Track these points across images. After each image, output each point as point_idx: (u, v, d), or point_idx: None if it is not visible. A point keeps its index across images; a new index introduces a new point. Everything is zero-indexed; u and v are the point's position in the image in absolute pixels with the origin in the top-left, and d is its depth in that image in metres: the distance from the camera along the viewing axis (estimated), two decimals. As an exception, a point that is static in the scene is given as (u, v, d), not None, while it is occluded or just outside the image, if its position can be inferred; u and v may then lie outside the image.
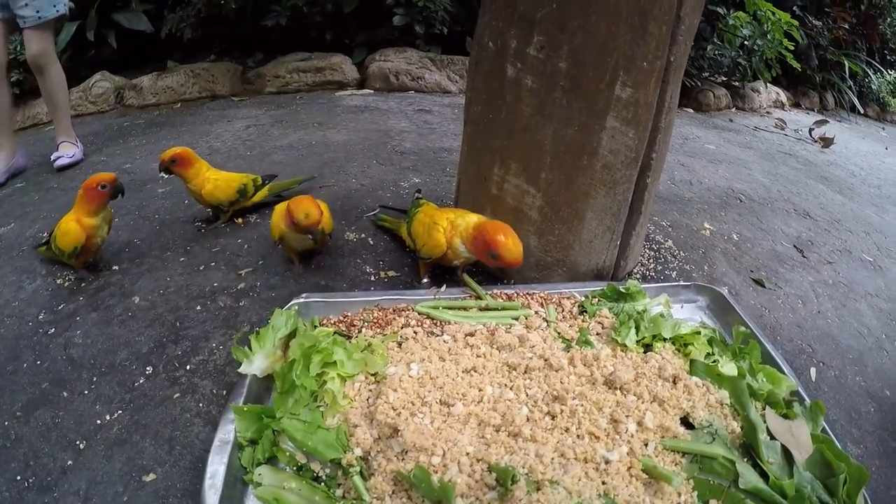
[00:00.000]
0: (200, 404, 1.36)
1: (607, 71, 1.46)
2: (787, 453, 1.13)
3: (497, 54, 1.59)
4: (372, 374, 1.26)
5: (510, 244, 1.49)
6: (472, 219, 1.62)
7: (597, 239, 1.73)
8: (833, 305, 2.06)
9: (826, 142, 4.71)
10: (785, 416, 1.22)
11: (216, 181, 2.07)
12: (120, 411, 1.34)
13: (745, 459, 1.14)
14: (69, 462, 1.22)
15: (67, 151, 2.88)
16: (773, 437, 1.16)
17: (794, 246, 2.49)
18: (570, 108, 1.52)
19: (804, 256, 2.41)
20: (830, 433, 1.22)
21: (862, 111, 6.76)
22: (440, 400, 1.17)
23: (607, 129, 1.54)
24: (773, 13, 4.91)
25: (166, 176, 2.25)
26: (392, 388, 1.16)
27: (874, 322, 2.01)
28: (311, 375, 1.18)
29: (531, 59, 1.52)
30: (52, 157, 2.86)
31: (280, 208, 1.72)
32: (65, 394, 1.40)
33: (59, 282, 1.82)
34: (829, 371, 1.70)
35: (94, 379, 1.44)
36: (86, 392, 1.40)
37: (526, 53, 1.52)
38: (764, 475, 1.10)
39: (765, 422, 1.18)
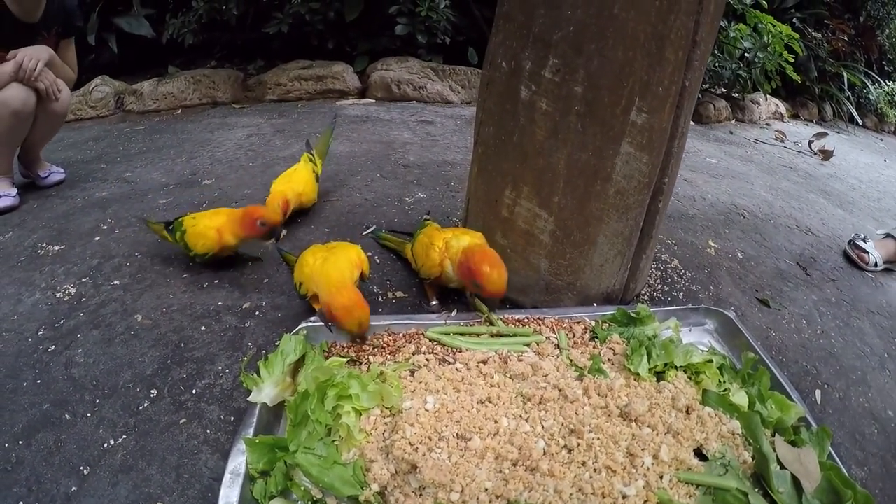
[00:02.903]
0: (208, 431, 1.34)
1: (623, 96, 1.45)
2: (796, 482, 1.13)
3: (511, 75, 1.57)
4: (387, 408, 1.24)
5: (494, 276, 1.48)
6: (464, 241, 1.61)
7: (608, 263, 1.72)
8: (836, 325, 2.06)
9: (826, 154, 4.72)
10: (793, 443, 1.23)
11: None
12: (125, 436, 1.32)
13: (757, 489, 1.13)
14: (73, 489, 1.19)
15: (52, 167, 2.75)
16: (782, 467, 1.15)
17: (797, 263, 2.49)
18: (584, 133, 1.51)
19: (807, 274, 2.41)
20: (837, 459, 1.22)
21: (860, 122, 6.79)
22: (457, 434, 1.16)
23: (622, 155, 1.53)
24: (774, 25, 4.92)
25: None
26: (409, 423, 1.15)
27: (877, 341, 2.01)
28: (327, 409, 1.16)
29: (546, 82, 1.50)
30: (44, 175, 2.70)
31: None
32: (67, 416, 1.36)
33: (58, 296, 1.79)
34: (833, 393, 1.70)
35: (97, 401, 1.41)
36: (88, 415, 1.37)
37: (541, 76, 1.51)
38: (775, 504, 1.10)
39: (774, 450, 1.18)
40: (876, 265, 2.55)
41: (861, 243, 2.61)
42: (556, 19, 1.43)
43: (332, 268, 1.51)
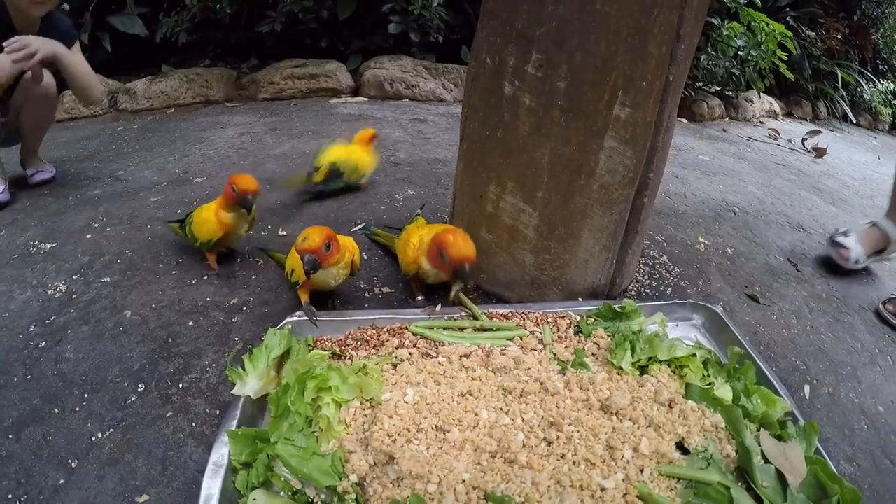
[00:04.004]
0: (193, 424, 1.35)
1: (606, 90, 1.46)
2: (781, 476, 1.13)
3: (495, 71, 1.58)
4: (367, 400, 1.25)
5: (458, 241, 1.48)
6: (434, 231, 1.61)
7: (593, 258, 1.73)
8: (827, 320, 2.06)
9: (819, 152, 4.73)
10: (779, 438, 1.22)
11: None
12: (112, 430, 1.33)
13: (740, 484, 1.13)
14: (61, 481, 1.20)
15: (44, 166, 2.75)
16: (767, 461, 1.15)
17: (788, 259, 2.49)
18: (567, 128, 1.52)
19: (798, 270, 2.41)
20: (824, 454, 1.22)
21: (854, 121, 6.80)
22: (436, 426, 1.16)
23: (605, 149, 1.54)
24: (767, 24, 4.94)
25: None
26: (387, 415, 1.15)
27: (867, 337, 2.01)
28: (306, 401, 1.17)
29: (529, 78, 1.51)
30: (31, 174, 2.70)
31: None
32: (56, 410, 1.37)
33: (50, 293, 1.80)
34: (822, 388, 1.70)
35: (86, 395, 1.42)
36: (77, 409, 1.38)
37: (524, 71, 1.51)
38: (758, 499, 1.10)
39: (759, 444, 1.18)
40: (857, 262, 2.34)
41: (841, 238, 2.39)
42: (539, 15, 1.44)
43: None
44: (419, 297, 1.77)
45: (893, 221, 2.37)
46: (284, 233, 2.20)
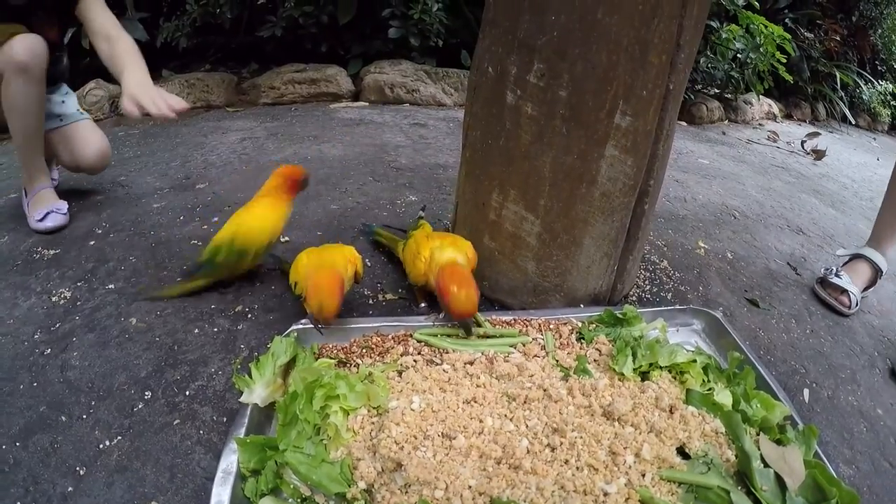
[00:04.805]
0: (201, 431, 1.36)
1: (607, 100, 1.48)
2: (780, 480, 1.15)
3: (497, 80, 1.60)
4: (374, 407, 1.26)
5: (461, 296, 1.48)
6: (445, 256, 1.61)
7: (594, 265, 1.75)
8: (826, 324, 2.08)
9: (818, 154, 4.75)
10: (778, 442, 1.24)
11: None
12: (119, 437, 1.33)
13: (740, 487, 1.15)
14: (70, 489, 1.21)
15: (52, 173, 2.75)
16: (766, 465, 1.17)
17: (788, 263, 2.51)
18: (569, 137, 1.54)
19: (798, 274, 2.43)
20: (823, 457, 1.24)
21: (853, 122, 6.83)
22: (442, 433, 1.18)
23: (606, 158, 1.55)
24: (766, 26, 4.95)
25: None
26: (395, 422, 1.17)
27: (867, 340, 2.03)
28: (315, 409, 1.19)
29: (531, 87, 1.53)
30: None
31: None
32: (63, 418, 1.38)
33: (54, 300, 1.80)
34: (822, 391, 1.72)
35: (93, 403, 1.43)
36: (84, 416, 1.39)
37: (526, 81, 1.53)
38: (758, 502, 1.12)
39: (758, 448, 1.20)
40: (857, 304, 2.18)
41: (836, 280, 2.21)
42: (541, 25, 1.46)
43: (326, 256, 1.57)
44: (423, 304, 1.79)
45: (879, 250, 2.26)
46: (287, 239, 2.21)
